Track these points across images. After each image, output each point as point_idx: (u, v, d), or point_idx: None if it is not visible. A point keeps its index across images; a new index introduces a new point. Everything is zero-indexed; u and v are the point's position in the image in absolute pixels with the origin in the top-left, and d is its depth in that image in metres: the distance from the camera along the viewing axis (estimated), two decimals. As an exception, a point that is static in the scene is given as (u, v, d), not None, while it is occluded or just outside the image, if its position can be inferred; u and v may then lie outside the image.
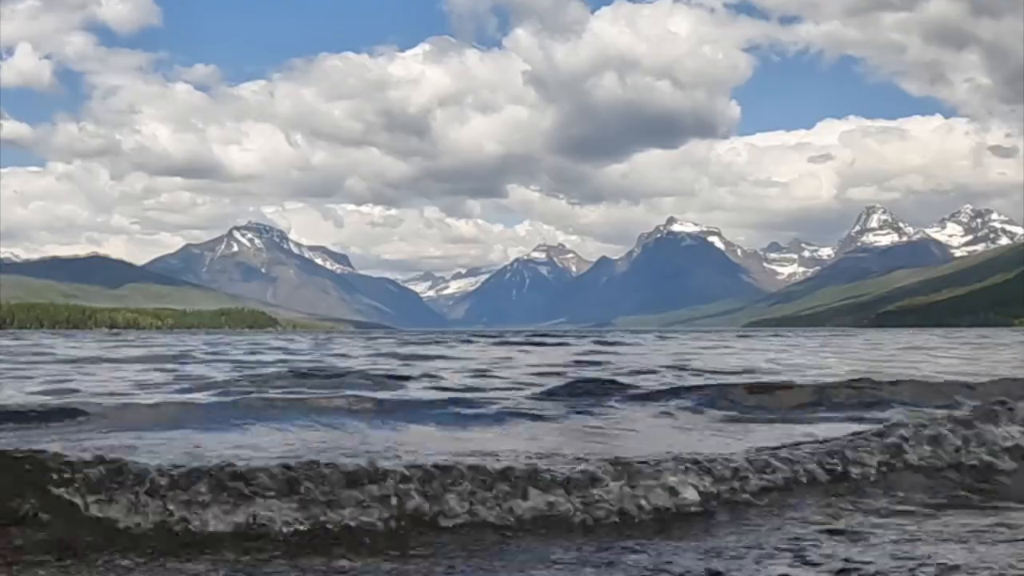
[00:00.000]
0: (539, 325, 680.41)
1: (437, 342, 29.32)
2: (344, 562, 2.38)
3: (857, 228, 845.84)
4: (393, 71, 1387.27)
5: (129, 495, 2.55)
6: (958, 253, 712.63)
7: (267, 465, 2.73)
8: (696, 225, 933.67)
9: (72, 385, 8.23)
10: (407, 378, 9.20)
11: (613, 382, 7.88)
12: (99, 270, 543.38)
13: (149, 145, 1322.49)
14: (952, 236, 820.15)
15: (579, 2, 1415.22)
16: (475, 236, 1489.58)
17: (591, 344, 26.07)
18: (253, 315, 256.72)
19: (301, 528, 2.60)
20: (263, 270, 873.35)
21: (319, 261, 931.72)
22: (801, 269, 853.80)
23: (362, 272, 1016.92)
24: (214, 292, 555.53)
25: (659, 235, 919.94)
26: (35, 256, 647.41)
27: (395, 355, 16.74)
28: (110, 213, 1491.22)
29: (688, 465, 3.06)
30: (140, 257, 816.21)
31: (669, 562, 2.41)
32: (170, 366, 12.38)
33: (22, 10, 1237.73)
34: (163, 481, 2.60)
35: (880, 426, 3.82)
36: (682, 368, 11.68)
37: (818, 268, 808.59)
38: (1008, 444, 3.66)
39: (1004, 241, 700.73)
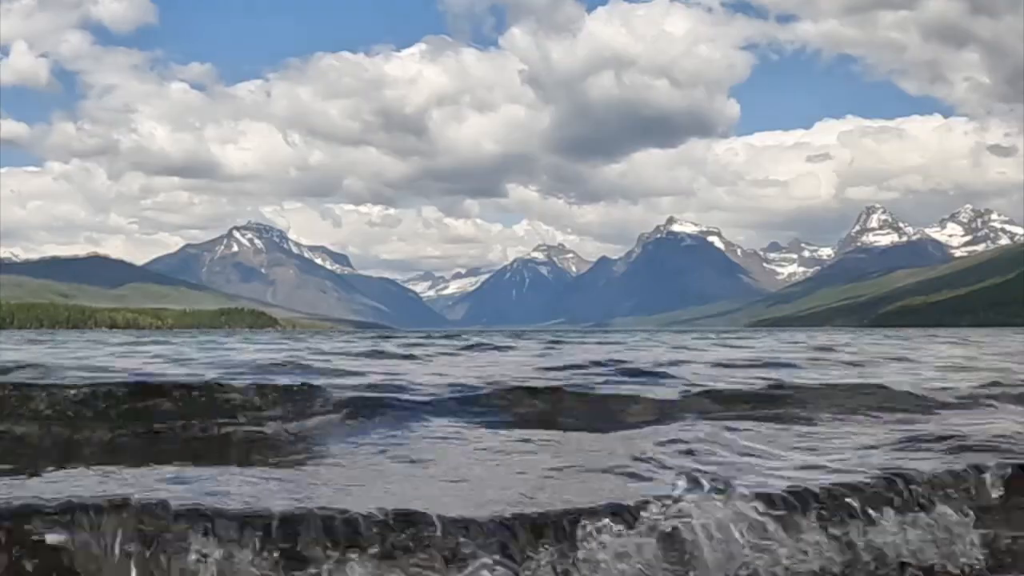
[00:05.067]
0: (538, 325, 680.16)
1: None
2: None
3: (857, 228, 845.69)
4: (390, 70, 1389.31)
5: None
6: (958, 253, 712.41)
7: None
8: (696, 225, 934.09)
9: None
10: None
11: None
12: (98, 270, 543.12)
13: (146, 144, 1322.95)
14: (952, 236, 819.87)
15: (575, 1, 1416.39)
16: (474, 236, 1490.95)
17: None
18: (253, 315, 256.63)
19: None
20: (263, 270, 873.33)
21: (319, 261, 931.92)
22: (801, 269, 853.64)
23: (362, 272, 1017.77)
24: (214, 292, 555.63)
25: (659, 235, 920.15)
26: (34, 256, 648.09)
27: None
28: (108, 213, 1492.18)
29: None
30: (139, 257, 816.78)
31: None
32: None
33: (18, 8, 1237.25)
34: None
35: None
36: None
37: (818, 268, 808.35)
38: None
39: (1004, 241, 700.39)
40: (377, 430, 4.32)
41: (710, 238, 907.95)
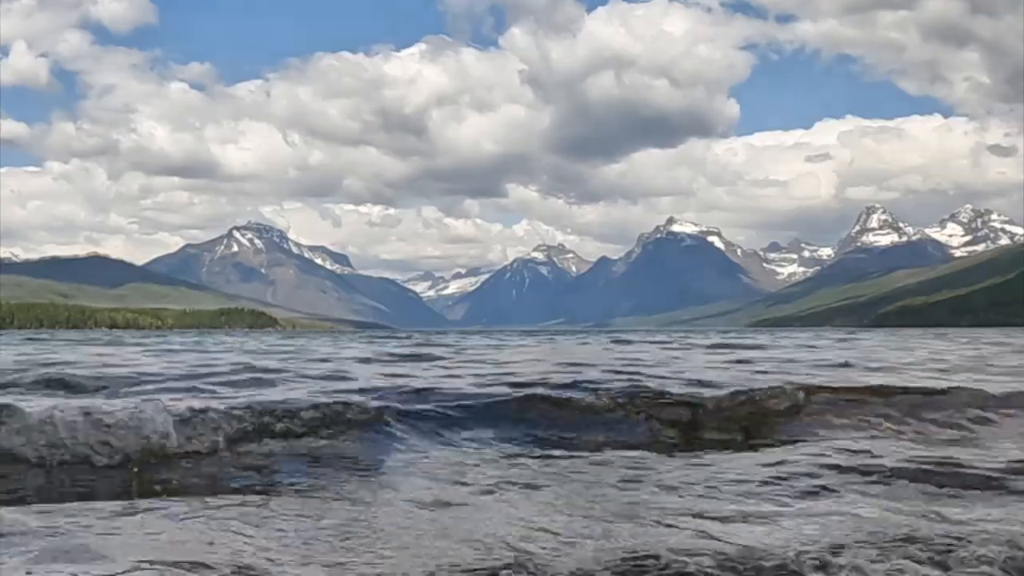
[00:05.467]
0: (538, 325, 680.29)
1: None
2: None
3: (857, 228, 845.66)
4: (389, 70, 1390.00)
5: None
6: (958, 253, 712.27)
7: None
8: (696, 225, 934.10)
9: None
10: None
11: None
12: (98, 270, 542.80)
13: (146, 144, 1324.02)
14: (952, 236, 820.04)
15: (575, 1, 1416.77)
16: (473, 236, 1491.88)
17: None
18: (253, 315, 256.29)
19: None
20: (263, 270, 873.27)
21: (319, 261, 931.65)
22: (801, 269, 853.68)
23: (362, 272, 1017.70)
24: (214, 292, 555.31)
25: (659, 235, 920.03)
26: (34, 256, 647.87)
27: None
28: (108, 213, 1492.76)
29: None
30: (139, 257, 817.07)
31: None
32: None
33: (18, 8, 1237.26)
34: None
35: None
36: None
37: (818, 268, 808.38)
38: None
39: (1004, 241, 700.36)
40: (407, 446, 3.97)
41: (710, 238, 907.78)
